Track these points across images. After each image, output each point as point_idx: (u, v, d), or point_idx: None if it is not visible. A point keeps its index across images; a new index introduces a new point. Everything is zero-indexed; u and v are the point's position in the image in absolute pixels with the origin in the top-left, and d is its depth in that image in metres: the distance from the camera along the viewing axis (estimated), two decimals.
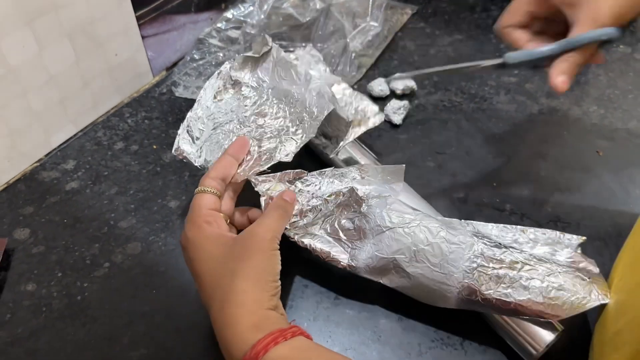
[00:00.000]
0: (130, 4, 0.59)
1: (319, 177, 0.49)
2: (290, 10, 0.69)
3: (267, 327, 0.36)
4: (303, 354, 0.36)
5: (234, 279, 0.38)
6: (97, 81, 0.61)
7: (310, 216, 0.47)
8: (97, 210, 0.55)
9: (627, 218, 0.54)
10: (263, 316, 0.37)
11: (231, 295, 0.37)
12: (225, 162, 0.47)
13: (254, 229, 0.42)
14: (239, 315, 0.37)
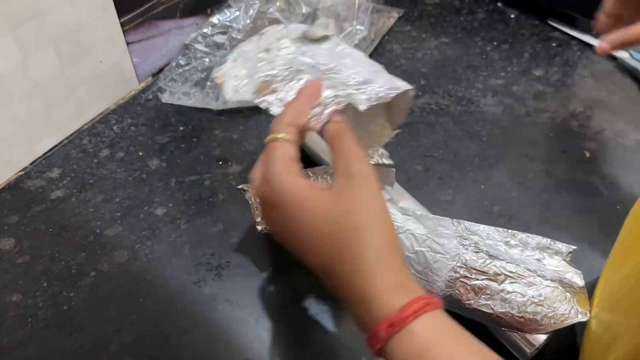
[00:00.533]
0: (115, 10, 0.59)
1: (312, 175, 0.49)
2: (277, 15, 0.69)
3: (413, 289, 0.31)
4: (451, 332, 0.30)
5: (361, 233, 0.32)
6: (83, 88, 0.60)
7: None
8: (83, 218, 0.54)
9: (615, 220, 0.54)
10: (407, 275, 0.32)
11: (363, 250, 0.32)
12: (299, 106, 0.38)
13: (355, 170, 0.34)
14: (379, 272, 0.31)
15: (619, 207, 0.55)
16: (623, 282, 0.39)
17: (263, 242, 0.52)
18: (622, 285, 0.39)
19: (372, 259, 0.31)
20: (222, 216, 0.54)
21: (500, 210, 0.55)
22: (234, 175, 0.58)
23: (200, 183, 0.57)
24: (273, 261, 0.51)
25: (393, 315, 0.29)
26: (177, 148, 0.60)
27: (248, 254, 0.51)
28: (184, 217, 0.54)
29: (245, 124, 0.63)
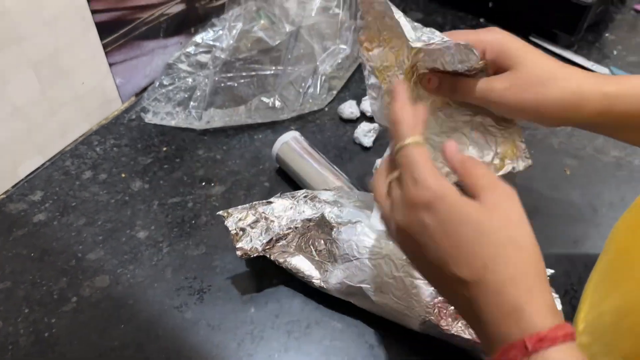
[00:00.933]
0: (97, 32, 0.59)
1: (292, 199, 0.49)
2: (260, 34, 0.69)
3: (559, 314, 0.32)
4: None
5: (520, 248, 0.33)
6: (64, 110, 0.60)
7: (290, 236, 0.48)
8: (65, 242, 0.54)
9: (595, 238, 0.55)
10: (552, 299, 0.32)
11: (523, 265, 0.32)
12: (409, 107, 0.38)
13: (500, 187, 0.34)
14: (538, 287, 0.32)
15: (599, 225, 0.56)
16: (608, 315, 0.39)
17: (245, 265, 0.52)
18: (608, 318, 0.40)
19: (532, 274, 0.32)
20: (204, 239, 0.54)
21: None
22: (216, 197, 0.58)
23: (183, 205, 0.57)
24: (255, 285, 0.51)
25: (544, 332, 0.30)
26: (160, 169, 0.60)
27: (230, 278, 0.51)
28: (166, 240, 0.54)
29: (229, 143, 0.63)
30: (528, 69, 0.42)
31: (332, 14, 0.71)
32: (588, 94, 0.41)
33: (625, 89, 0.41)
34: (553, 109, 0.42)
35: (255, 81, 0.67)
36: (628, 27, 0.78)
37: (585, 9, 0.69)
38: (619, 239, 0.43)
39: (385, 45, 0.48)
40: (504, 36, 0.43)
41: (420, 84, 0.47)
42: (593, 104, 0.41)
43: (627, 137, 0.45)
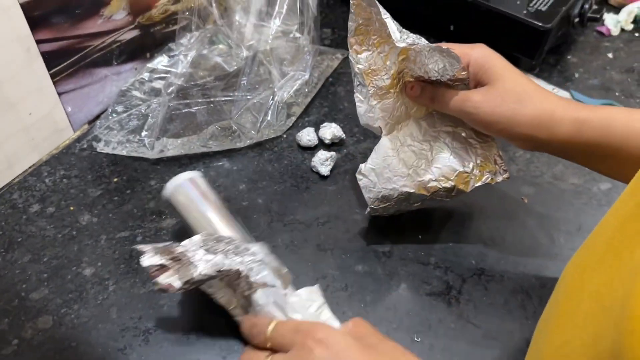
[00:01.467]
0: (43, 62, 0.57)
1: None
2: (217, 59, 0.68)
3: None
4: None
5: None
6: (11, 142, 0.58)
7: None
8: (9, 280, 0.52)
9: (552, 268, 0.54)
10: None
11: None
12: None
13: None
14: None
15: (557, 255, 0.55)
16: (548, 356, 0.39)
17: (191, 304, 0.51)
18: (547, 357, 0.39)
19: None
20: None
21: (437, 262, 0.54)
22: (167, 230, 0.56)
23: (132, 239, 0.55)
24: (201, 325, 0.49)
25: None
26: (110, 201, 0.59)
27: (176, 318, 0.50)
28: (112, 278, 0.52)
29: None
30: (506, 85, 0.44)
31: (292, 38, 0.70)
32: (560, 116, 0.43)
33: (597, 117, 0.43)
34: (525, 126, 0.44)
35: (212, 108, 0.66)
36: (590, 50, 0.78)
37: (545, 34, 0.68)
38: (568, 279, 0.42)
39: (374, 50, 0.52)
40: (489, 53, 0.45)
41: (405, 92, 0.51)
42: (564, 127, 0.43)
43: (596, 166, 0.46)
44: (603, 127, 0.43)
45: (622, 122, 0.43)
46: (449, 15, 0.75)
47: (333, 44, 0.78)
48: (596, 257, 0.34)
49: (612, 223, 0.34)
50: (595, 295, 0.31)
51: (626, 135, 0.43)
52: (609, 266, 0.31)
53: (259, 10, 0.68)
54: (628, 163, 0.43)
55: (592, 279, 0.33)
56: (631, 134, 0.43)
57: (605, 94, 0.71)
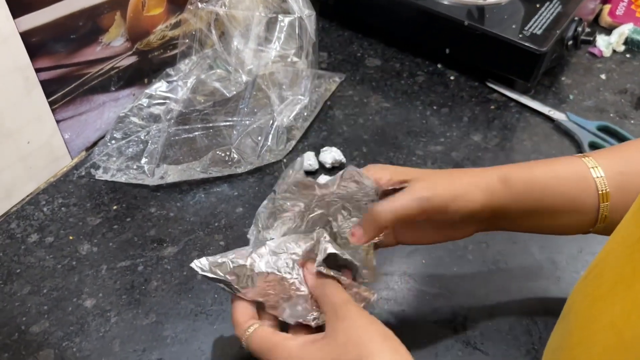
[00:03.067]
0: (42, 91, 0.57)
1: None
2: (216, 85, 0.68)
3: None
4: None
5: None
6: (9, 171, 0.58)
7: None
8: (8, 314, 0.51)
9: (555, 292, 0.55)
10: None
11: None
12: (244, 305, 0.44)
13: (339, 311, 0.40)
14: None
15: (560, 279, 0.55)
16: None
17: (196, 335, 0.50)
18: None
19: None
20: (154, 306, 0.52)
21: (440, 287, 0.54)
22: (168, 259, 0.56)
23: (133, 269, 0.55)
24: (207, 354, 0.49)
25: None
26: (110, 230, 0.58)
27: (181, 348, 0.49)
28: (114, 309, 0.52)
29: (183, 199, 0.61)
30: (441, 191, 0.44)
31: (290, 62, 0.70)
32: (486, 185, 0.44)
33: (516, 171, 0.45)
34: (465, 219, 0.45)
35: (211, 133, 0.65)
36: (583, 71, 0.79)
37: (540, 57, 0.69)
38: (577, 308, 0.42)
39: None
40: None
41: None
42: (495, 195, 0.44)
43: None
44: (525, 186, 0.44)
45: (541, 181, 0.45)
46: (445, 39, 0.76)
47: (330, 67, 0.78)
48: (606, 287, 0.34)
49: (619, 252, 0.34)
50: (611, 327, 0.31)
51: (545, 195, 0.44)
52: (622, 297, 0.31)
53: (257, 35, 0.68)
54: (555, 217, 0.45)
55: (605, 310, 0.33)
56: (550, 193, 0.44)
57: (600, 115, 0.72)
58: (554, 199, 0.44)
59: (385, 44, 0.81)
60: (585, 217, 0.45)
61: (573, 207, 0.44)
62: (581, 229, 0.46)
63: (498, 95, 0.74)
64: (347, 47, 0.82)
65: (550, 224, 0.46)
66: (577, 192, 0.44)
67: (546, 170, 0.45)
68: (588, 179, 0.44)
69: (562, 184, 0.44)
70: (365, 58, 0.80)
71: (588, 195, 0.44)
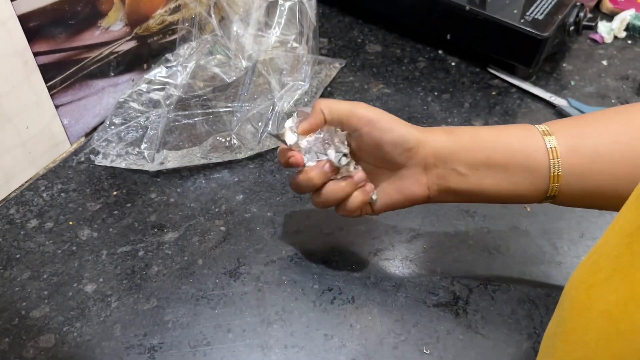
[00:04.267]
0: (40, 75, 0.56)
1: None
2: (216, 70, 0.67)
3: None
4: None
5: None
6: (8, 156, 0.57)
7: None
8: (8, 299, 0.51)
9: (556, 276, 0.54)
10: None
11: None
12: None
13: None
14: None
15: (561, 263, 0.55)
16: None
17: (198, 318, 0.50)
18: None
19: None
20: (155, 291, 0.52)
21: (442, 272, 0.54)
22: (169, 244, 0.56)
23: (134, 254, 0.55)
24: (209, 341, 0.49)
25: None
26: (110, 215, 0.58)
27: (182, 334, 0.49)
28: (115, 294, 0.52)
29: (183, 185, 0.61)
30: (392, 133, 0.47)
31: (290, 48, 0.70)
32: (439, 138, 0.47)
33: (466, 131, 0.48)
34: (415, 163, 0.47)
35: (211, 119, 0.65)
36: (584, 57, 0.79)
37: (542, 42, 0.69)
38: (573, 294, 0.42)
39: None
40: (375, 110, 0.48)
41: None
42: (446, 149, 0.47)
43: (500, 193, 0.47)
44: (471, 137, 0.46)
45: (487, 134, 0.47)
46: (446, 25, 0.75)
47: (330, 53, 0.78)
48: (602, 274, 0.34)
49: (617, 240, 0.34)
50: (607, 315, 0.31)
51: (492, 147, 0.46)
52: (619, 286, 0.31)
53: (257, 20, 0.67)
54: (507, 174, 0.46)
55: (600, 298, 0.33)
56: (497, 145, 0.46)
57: (601, 101, 0.72)
58: (502, 153, 0.45)
59: (386, 29, 0.81)
60: (538, 176, 0.45)
61: (522, 162, 0.45)
62: (537, 192, 0.46)
63: (499, 81, 0.74)
64: (347, 33, 0.81)
65: (504, 185, 0.46)
66: (524, 148, 0.45)
67: (493, 128, 0.47)
68: (536, 136, 0.45)
69: (509, 138, 0.46)
70: (366, 44, 0.79)
71: (537, 150, 0.44)
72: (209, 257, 0.55)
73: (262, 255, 0.55)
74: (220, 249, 0.55)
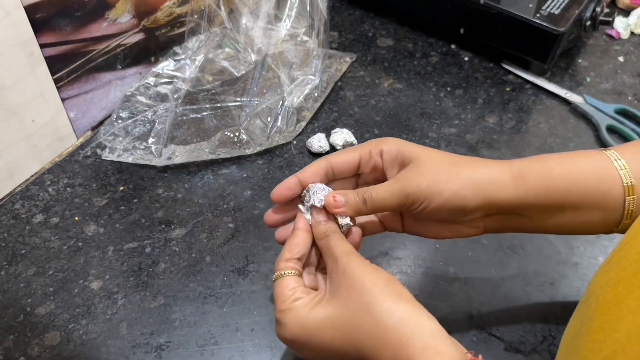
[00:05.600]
0: (47, 67, 0.55)
1: None
2: (225, 64, 0.66)
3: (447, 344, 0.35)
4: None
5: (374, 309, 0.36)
6: (13, 150, 0.56)
7: None
8: (13, 295, 0.50)
9: (573, 277, 0.53)
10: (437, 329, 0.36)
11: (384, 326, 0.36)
12: (297, 239, 0.42)
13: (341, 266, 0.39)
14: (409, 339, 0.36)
15: (577, 264, 0.54)
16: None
17: (205, 316, 0.49)
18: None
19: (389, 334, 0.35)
20: (162, 288, 0.51)
21: (455, 272, 0.53)
22: (176, 240, 0.55)
23: (140, 251, 0.54)
24: (216, 340, 0.48)
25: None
26: (116, 211, 0.57)
27: (189, 332, 0.48)
28: (121, 291, 0.51)
29: (191, 180, 0.60)
30: (430, 160, 0.42)
31: (300, 41, 0.69)
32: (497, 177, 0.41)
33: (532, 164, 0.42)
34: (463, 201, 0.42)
35: (220, 113, 0.64)
36: (600, 53, 0.77)
37: (557, 37, 0.67)
38: (599, 293, 0.41)
39: None
40: (398, 140, 0.44)
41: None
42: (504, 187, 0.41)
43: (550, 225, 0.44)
44: (543, 181, 0.42)
45: (560, 173, 0.42)
46: (459, 19, 0.74)
47: (340, 47, 0.76)
48: (630, 270, 0.33)
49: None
50: (637, 311, 0.30)
51: (566, 188, 0.42)
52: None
53: (267, 13, 0.66)
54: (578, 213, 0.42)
55: (629, 294, 0.32)
56: (571, 186, 0.42)
57: (617, 98, 0.70)
58: (576, 194, 0.41)
59: (398, 23, 0.79)
60: (610, 213, 0.42)
61: (596, 202, 0.42)
62: (606, 227, 0.43)
63: (513, 77, 0.72)
64: (358, 27, 0.80)
65: (572, 222, 0.43)
66: (600, 185, 0.41)
67: (564, 163, 0.42)
68: (612, 171, 0.41)
69: (583, 177, 0.41)
70: (377, 38, 0.78)
71: (612, 188, 0.41)
72: (216, 255, 0.54)
73: (271, 253, 0.54)
74: (229, 246, 0.54)
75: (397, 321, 0.35)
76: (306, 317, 0.38)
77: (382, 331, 0.36)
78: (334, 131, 0.64)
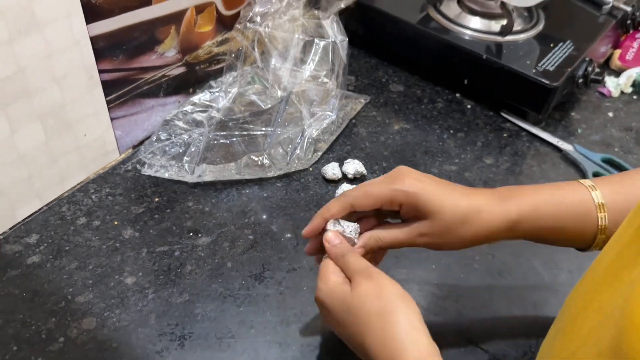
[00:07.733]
0: (102, 90, 0.64)
1: None
2: (254, 97, 0.75)
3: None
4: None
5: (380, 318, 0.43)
6: (65, 159, 0.64)
7: None
8: (56, 284, 0.57)
9: (553, 302, 0.59)
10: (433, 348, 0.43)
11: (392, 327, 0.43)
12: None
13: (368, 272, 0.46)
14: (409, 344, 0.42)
15: (558, 291, 0.60)
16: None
17: (224, 313, 0.55)
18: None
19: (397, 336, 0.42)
20: (188, 287, 0.58)
21: (447, 294, 0.59)
22: (202, 247, 0.62)
23: (170, 254, 0.61)
24: (233, 334, 0.54)
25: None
26: (151, 218, 0.64)
27: (210, 326, 0.54)
28: (152, 287, 0.57)
29: (218, 197, 0.67)
30: (443, 217, 0.48)
31: (321, 82, 0.77)
32: (497, 228, 0.49)
33: (526, 212, 0.49)
34: (467, 244, 0.50)
35: (247, 140, 0.72)
36: (592, 108, 0.85)
37: (551, 91, 0.75)
38: (570, 304, 0.46)
39: None
40: (419, 185, 0.49)
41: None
42: (502, 233, 0.49)
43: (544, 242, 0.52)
44: (532, 219, 0.49)
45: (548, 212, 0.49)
46: (464, 70, 0.82)
47: (356, 90, 0.85)
48: (597, 281, 0.38)
49: (611, 252, 0.38)
50: (599, 309, 0.35)
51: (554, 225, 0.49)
52: (610, 286, 0.34)
53: (294, 56, 0.75)
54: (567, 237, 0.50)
55: (594, 300, 0.37)
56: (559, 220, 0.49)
57: (605, 149, 0.78)
58: (560, 227, 0.49)
59: (409, 72, 0.88)
60: (587, 231, 0.49)
61: (575, 227, 0.49)
62: (584, 241, 0.50)
63: (511, 125, 0.80)
64: (373, 73, 0.88)
65: (554, 242, 0.51)
66: (580, 216, 0.49)
67: (548, 196, 0.49)
68: (588, 201, 0.49)
69: (567, 214, 0.49)
70: (390, 83, 0.86)
71: (589, 214, 0.48)
72: (237, 261, 0.60)
73: (284, 263, 0.61)
74: (248, 255, 0.61)
75: (402, 332, 0.42)
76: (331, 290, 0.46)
77: (389, 338, 0.42)
78: (347, 161, 0.71)
